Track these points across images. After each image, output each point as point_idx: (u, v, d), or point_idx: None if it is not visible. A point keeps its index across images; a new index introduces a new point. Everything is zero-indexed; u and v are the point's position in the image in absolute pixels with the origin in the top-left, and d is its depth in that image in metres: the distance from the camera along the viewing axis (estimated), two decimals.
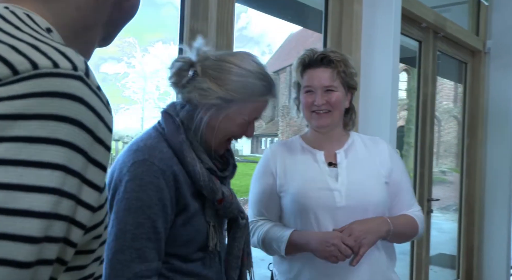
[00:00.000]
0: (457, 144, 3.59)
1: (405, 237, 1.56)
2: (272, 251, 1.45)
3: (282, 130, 34.12)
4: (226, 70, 1.03)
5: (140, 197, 0.96)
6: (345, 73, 1.46)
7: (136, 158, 0.98)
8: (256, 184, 1.54)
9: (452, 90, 19.32)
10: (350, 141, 1.54)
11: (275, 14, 2.59)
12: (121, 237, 0.95)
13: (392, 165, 1.51)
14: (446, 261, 3.82)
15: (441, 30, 2.93)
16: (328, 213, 1.39)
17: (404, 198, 1.53)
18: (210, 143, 1.07)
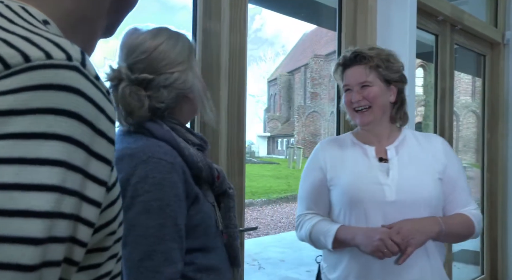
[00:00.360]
0: (476, 138, 3.53)
1: (459, 238, 1.52)
2: (320, 245, 1.47)
3: (298, 131, 34.15)
4: (167, 50, 1.00)
5: (157, 196, 0.91)
6: (380, 67, 1.45)
7: (139, 158, 0.93)
8: (306, 179, 1.56)
9: (469, 85, 19.05)
10: (401, 137, 1.52)
11: (289, 13, 2.58)
12: (143, 242, 0.89)
13: (447, 161, 1.48)
14: (469, 257, 3.76)
15: (458, 23, 2.88)
16: (377, 207, 1.38)
17: (459, 195, 1.48)
18: (188, 116, 1.08)
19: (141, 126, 1.00)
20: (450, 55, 2.89)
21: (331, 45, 33.82)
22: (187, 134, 1.06)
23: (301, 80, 38.07)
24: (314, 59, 34.68)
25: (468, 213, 1.46)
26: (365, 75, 1.45)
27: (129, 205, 0.90)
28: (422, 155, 1.48)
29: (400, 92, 1.52)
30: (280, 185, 14.51)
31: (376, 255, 1.29)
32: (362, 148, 1.51)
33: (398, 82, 1.50)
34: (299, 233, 1.54)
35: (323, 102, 34.40)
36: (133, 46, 0.99)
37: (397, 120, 1.54)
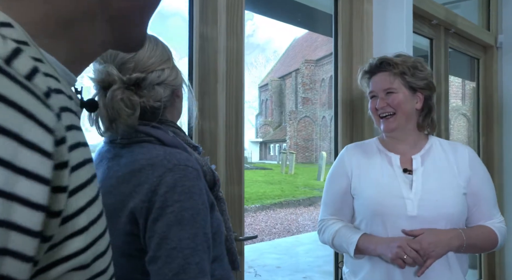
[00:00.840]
0: (467, 141, 3.54)
1: (480, 250, 1.54)
2: (342, 250, 1.49)
3: (290, 136, 34.20)
4: (154, 46, 0.97)
5: (187, 205, 0.86)
6: (406, 74, 1.45)
7: (164, 167, 0.88)
8: (331, 184, 1.58)
9: (460, 88, 19.24)
10: (427, 146, 1.51)
11: (284, 19, 2.58)
12: (177, 255, 0.84)
13: (471, 172, 1.46)
14: None
15: (452, 27, 2.89)
16: (399, 221, 1.38)
17: (483, 208, 1.46)
18: (177, 117, 1.06)
19: (146, 134, 0.96)
20: (444, 58, 2.90)
21: (322, 50, 34.00)
22: (187, 138, 1.03)
23: (292, 85, 38.17)
24: (305, 64, 34.81)
25: (491, 226, 1.45)
26: (390, 82, 1.46)
27: (157, 216, 0.85)
28: (447, 166, 1.47)
29: (428, 99, 1.51)
30: (273, 190, 14.47)
31: (396, 262, 1.31)
32: (387, 156, 1.50)
33: (425, 90, 1.49)
34: (321, 237, 1.57)
35: (315, 107, 34.51)
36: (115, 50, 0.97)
37: (425, 128, 1.54)
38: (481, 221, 1.46)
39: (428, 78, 1.50)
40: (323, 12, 2.40)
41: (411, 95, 1.47)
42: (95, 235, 0.42)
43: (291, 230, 9.23)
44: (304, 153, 33.92)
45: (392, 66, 1.46)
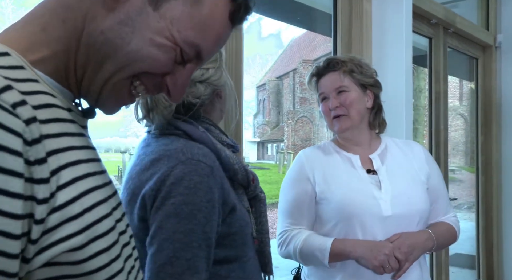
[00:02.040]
0: (465, 142, 3.55)
1: (444, 247, 1.55)
2: (310, 260, 1.39)
3: (288, 136, 34.20)
4: None
5: (189, 200, 0.86)
6: (354, 71, 1.43)
7: (177, 159, 0.89)
8: (290, 190, 1.46)
9: (457, 88, 19.31)
10: (383, 146, 1.50)
11: (283, 18, 2.56)
12: (168, 247, 0.84)
13: (429, 169, 1.49)
14: (465, 261, 3.75)
15: (451, 26, 2.88)
16: (374, 222, 1.34)
17: (441, 204, 1.50)
18: (218, 117, 1.07)
19: (175, 128, 0.97)
20: (443, 58, 2.89)
21: (319, 50, 34.02)
22: (221, 136, 1.03)
23: (289, 85, 38.19)
24: (302, 64, 34.80)
25: (449, 221, 1.50)
26: (340, 81, 1.43)
27: (159, 206, 0.87)
28: (408, 164, 1.47)
29: (376, 98, 1.50)
30: (271, 190, 14.45)
31: (377, 270, 1.26)
32: (347, 157, 1.46)
33: (374, 87, 1.48)
34: (284, 250, 1.43)
35: (312, 107, 34.50)
36: None
37: (376, 127, 1.52)
38: (439, 217, 1.50)
39: (374, 77, 1.49)
40: (322, 11, 2.39)
41: (362, 93, 1.45)
42: (90, 221, 0.49)
43: None
44: None
45: (341, 64, 1.44)
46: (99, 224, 0.51)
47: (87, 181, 0.51)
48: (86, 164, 0.52)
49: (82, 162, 0.51)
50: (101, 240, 0.51)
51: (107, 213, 0.53)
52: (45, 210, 0.45)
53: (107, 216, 0.53)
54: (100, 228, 0.51)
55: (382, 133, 1.56)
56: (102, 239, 0.51)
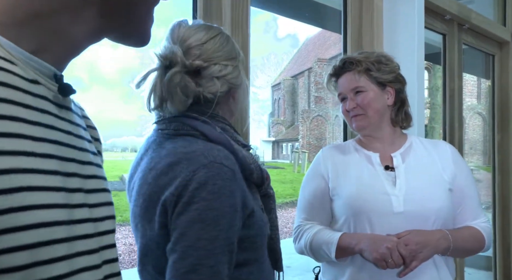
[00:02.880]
0: (483, 141, 3.48)
1: (467, 253, 1.45)
2: (320, 255, 1.38)
3: (303, 135, 34.10)
4: (226, 41, 1.00)
5: (214, 205, 0.83)
6: (371, 70, 1.40)
7: (199, 163, 0.86)
8: (306, 187, 1.49)
9: (475, 87, 18.96)
10: (407, 144, 1.47)
11: (292, 15, 2.53)
12: (191, 254, 0.82)
13: (456, 169, 1.42)
14: (481, 262, 3.68)
15: (466, 22, 2.81)
16: (384, 218, 1.31)
17: (469, 207, 1.42)
18: (230, 116, 1.05)
19: (192, 128, 0.95)
20: (458, 55, 2.83)
21: (334, 49, 33.83)
22: (237, 136, 1.01)
23: (305, 84, 38.06)
24: (317, 63, 34.67)
25: (477, 226, 1.40)
26: (356, 81, 1.41)
27: (182, 211, 0.84)
28: (430, 163, 1.42)
29: (399, 93, 1.46)
30: (285, 190, 14.43)
31: (379, 264, 1.23)
32: (366, 155, 1.44)
33: (394, 83, 1.44)
34: (297, 245, 1.45)
35: (328, 106, 34.35)
36: (186, 35, 0.97)
37: (399, 123, 1.48)
38: (467, 222, 1.41)
39: (396, 71, 1.45)
40: (332, 8, 2.36)
41: (381, 91, 1.42)
42: (4, 207, 0.38)
43: None
44: (317, 152, 33.63)
45: (355, 64, 1.42)
46: (22, 213, 0.40)
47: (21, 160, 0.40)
48: (32, 142, 0.42)
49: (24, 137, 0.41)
50: (22, 233, 0.39)
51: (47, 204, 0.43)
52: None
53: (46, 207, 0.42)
54: (23, 219, 0.40)
55: (410, 127, 1.52)
56: (25, 233, 0.40)
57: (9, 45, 0.44)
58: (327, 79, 1.52)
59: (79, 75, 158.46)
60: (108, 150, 69.09)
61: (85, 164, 0.52)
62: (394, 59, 1.48)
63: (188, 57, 0.94)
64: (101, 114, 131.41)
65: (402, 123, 1.48)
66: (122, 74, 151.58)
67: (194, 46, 0.95)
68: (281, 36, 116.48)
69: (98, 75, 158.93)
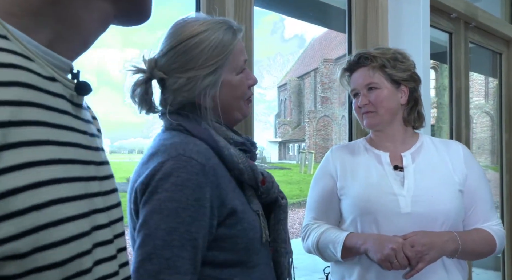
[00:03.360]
0: (491, 140, 3.45)
1: (476, 256, 1.41)
2: (327, 254, 1.36)
3: (309, 135, 34.04)
4: (184, 51, 0.94)
5: (174, 197, 0.84)
6: (386, 66, 1.37)
7: (168, 155, 0.87)
8: (315, 187, 1.49)
9: (482, 86, 18.81)
10: (418, 144, 1.44)
11: (296, 15, 2.52)
12: (148, 243, 0.83)
13: (467, 170, 1.38)
14: (489, 262, 3.65)
15: (472, 20, 2.79)
16: (391, 219, 1.29)
17: (480, 209, 1.38)
18: (222, 120, 1.01)
19: (177, 124, 0.96)
20: (464, 53, 2.80)
21: (341, 49, 33.75)
22: (229, 133, 0.99)
23: (311, 85, 37.99)
24: (323, 64, 34.60)
25: (489, 229, 1.36)
26: (370, 77, 1.38)
27: (146, 200, 0.86)
28: (441, 163, 1.39)
29: (413, 92, 1.43)
30: (292, 190, 14.40)
31: (383, 264, 1.21)
32: (376, 154, 1.42)
33: (409, 81, 1.41)
34: (305, 244, 1.45)
35: (334, 106, 34.27)
36: (165, 37, 0.98)
37: (411, 122, 1.45)
38: (477, 224, 1.37)
39: (411, 70, 1.42)
40: (336, 7, 2.34)
41: (395, 89, 1.39)
42: (39, 223, 0.37)
43: None
44: (324, 153, 33.35)
45: (370, 59, 1.39)
46: (51, 229, 0.39)
47: (37, 171, 0.38)
48: (58, 147, 0.41)
49: (50, 143, 0.40)
50: (50, 251, 0.38)
51: (75, 215, 0.42)
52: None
53: (75, 219, 0.41)
54: (51, 236, 0.39)
55: (422, 127, 1.49)
56: (52, 251, 0.39)
57: (25, 39, 0.41)
58: (340, 73, 1.49)
59: (88, 78, 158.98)
60: (115, 152, 69.37)
61: (100, 164, 0.51)
62: (410, 56, 1.45)
63: (157, 67, 0.96)
64: (109, 116, 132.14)
65: (415, 123, 1.46)
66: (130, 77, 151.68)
67: (158, 57, 0.97)
68: (288, 37, 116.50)
69: (106, 78, 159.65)
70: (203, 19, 0.99)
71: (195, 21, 0.97)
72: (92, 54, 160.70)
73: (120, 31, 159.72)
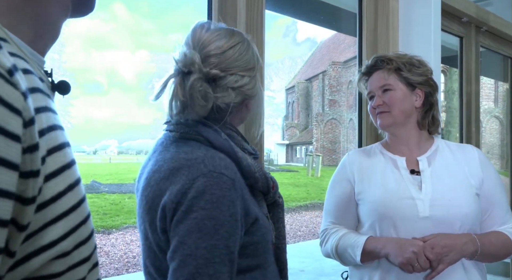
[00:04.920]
0: (500, 145, 3.42)
1: (495, 258, 1.40)
2: (346, 259, 1.37)
3: (317, 138, 33.99)
4: (244, 50, 0.97)
5: (212, 214, 0.83)
6: (401, 69, 1.40)
7: (199, 171, 0.86)
8: (332, 191, 1.49)
9: (492, 90, 18.67)
10: (433, 148, 1.45)
11: (306, 19, 2.52)
12: (190, 263, 0.82)
13: (483, 174, 1.39)
14: (499, 268, 3.62)
15: (483, 25, 2.77)
16: (409, 223, 1.30)
17: (497, 212, 1.39)
18: (238, 123, 1.04)
19: (197, 133, 0.95)
20: (475, 58, 2.79)
21: (349, 52, 33.70)
22: (243, 143, 1.01)
23: (319, 87, 37.94)
24: (332, 66, 34.55)
25: (506, 232, 1.37)
26: (384, 79, 1.41)
27: (180, 219, 0.84)
28: (457, 167, 1.40)
29: (428, 96, 1.44)
30: (299, 193, 14.38)
31: (405, 268, 1.22)
32: (392, 159, 1.44)
33: (424, 85, 1.42)
34: (324, 248, 1.45)
35: (342, 109, 34.19)
36: (207, 41, 0.96)
37: (426, 126, 1.46)
38: (494, 226, 1.38)
39: (428, 75, 1.44)
40: (347, 11, 2.34)
41: (410, 92, 1.41)
42: (77, 221, 0.40)
43: (316, 233, 9.13)
44: (331, 156, 33.61)
45: (386, 62, 1.42)
46: (83, 226, 0.42)
47: (70, 172, 0.41)
48: (68, 149, 0.42)
49: (65, 146, 0.41)
50: (84, 247, 0.42)
51: (89, 213, 0.44)
52: (32, 211, 0.36)
53: (89, 217, 0.44)
54: (84, 232, 0.42)
55: (438, 133, 1.50)
56: (84, 246, 0.42)
57: (16, 39, 0.41)
58: (358, 77, 1.53)
59: (99, 80, 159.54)
60: (123, 153, 69.61)
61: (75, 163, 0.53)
62: (428, 63, 1.47)
63: (206, 65, 0.93)
64: (118, 118, 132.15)
65: (429, 127, 1.47)
66: (139, 79, 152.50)
67: (213, 54, 0.94)
68: (301, 40, 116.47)
69: (117, 79, 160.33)
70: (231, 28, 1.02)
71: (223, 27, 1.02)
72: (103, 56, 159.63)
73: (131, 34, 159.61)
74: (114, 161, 33.70)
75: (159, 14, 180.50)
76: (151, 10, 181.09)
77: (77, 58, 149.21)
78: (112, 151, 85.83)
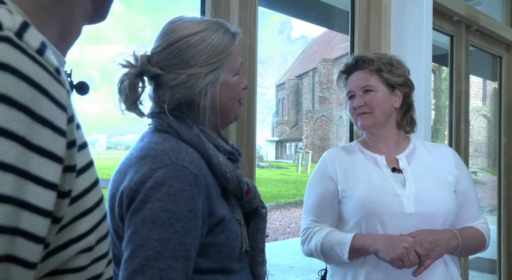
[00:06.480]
0: (488, 143, 3.47)
1: (471, 252, 1.50)
2: (332, 257, 1.37)
3: (307, 135, 34.08)
4: (185, 47, 0.93)
5: (168, 207, 0.81)
6: (382, 70, 1.42)
7: (161, 162, 0.85)
8: (313, 189, 1.48)
9: (480, 88, 18.86)
10: (411, 147, 1.49)
11: (299, 16, 2.52)
12: (140, 254, 0.80)
13: (459, 172, 1.46)
14: (485, 265, 3.67)
15: (474, 24, 2.80)
16: (396, 219, 1.33)
17: (471, 208, 1.47)
18: (219, 121, 0.99)
19: (168, 125, 0.94)
20: (465, 56, 2.81)
21: (340, 50, 33.78)
22: (218, 140, 0.98)
23: (309, 84, 38.02)
24: (322, 64, 34.63)
25: (478, 227, 1.46)
26: (366, 79, 1.43)
27: (136, 209, 0.82)
28: (435, 165, 1.45)
29: (407, 97, 1.48)
30: (288, 190, 14.42)
31: (395, 263, 1.25)
32: (372, 157, 1.46)
33: (403, 86, 1.46)
34: (306, 247, 1.43)
35: (332, 106, 34.31)
36: (156, 38, 0.96)
37: (404, 126, 1.49)
38: (468, 222, 1.46)
39: (406, 75, 1.47)
40: (339, 8, 2.35)
41: (390, 93, 1.44)
42: (99, 217, 0.42)
43: None
44: (321, 152, 33.72)
45: (368, 63, 1.43)
46: (103, 222, 0.43)
47: (93, 169, 0.43)
48: (88, 147, 0.44)
49: (87, 144, 0.43)
50: (104, 242, 0.43)
51: (106, 211, 0.46)
52: (66, 204, 0.37)
53: (106, 214, 0.46)
54: (104, 227, 0.44)
55: (413, 132, 1.53)
56: (105, 241, 0.44)
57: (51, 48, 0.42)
58: (337, 76, 1.53)
59: (92, 74, 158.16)
60: (111, 148, 69.23)
61: None
62: (405, 63, 1.50)
63: (151, 63, 0.94)
64: (108, 112, 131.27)
65: (407, 127, 1.50)
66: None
67: (154, 52, 0.95)
68: (295, 37, 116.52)
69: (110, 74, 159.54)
70: (200, 18, 0.99)
71: (193, 20, 0.97)
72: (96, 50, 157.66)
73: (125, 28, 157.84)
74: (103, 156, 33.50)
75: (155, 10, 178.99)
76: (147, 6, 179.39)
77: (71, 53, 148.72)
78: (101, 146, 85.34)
